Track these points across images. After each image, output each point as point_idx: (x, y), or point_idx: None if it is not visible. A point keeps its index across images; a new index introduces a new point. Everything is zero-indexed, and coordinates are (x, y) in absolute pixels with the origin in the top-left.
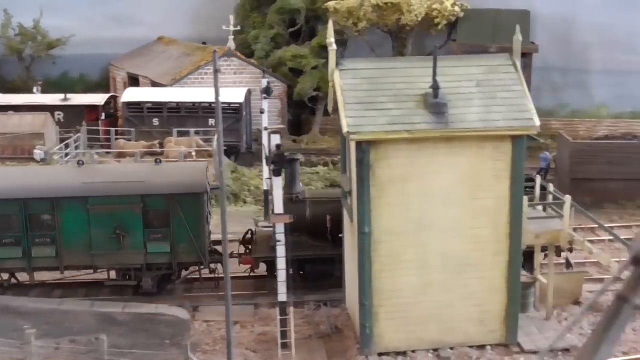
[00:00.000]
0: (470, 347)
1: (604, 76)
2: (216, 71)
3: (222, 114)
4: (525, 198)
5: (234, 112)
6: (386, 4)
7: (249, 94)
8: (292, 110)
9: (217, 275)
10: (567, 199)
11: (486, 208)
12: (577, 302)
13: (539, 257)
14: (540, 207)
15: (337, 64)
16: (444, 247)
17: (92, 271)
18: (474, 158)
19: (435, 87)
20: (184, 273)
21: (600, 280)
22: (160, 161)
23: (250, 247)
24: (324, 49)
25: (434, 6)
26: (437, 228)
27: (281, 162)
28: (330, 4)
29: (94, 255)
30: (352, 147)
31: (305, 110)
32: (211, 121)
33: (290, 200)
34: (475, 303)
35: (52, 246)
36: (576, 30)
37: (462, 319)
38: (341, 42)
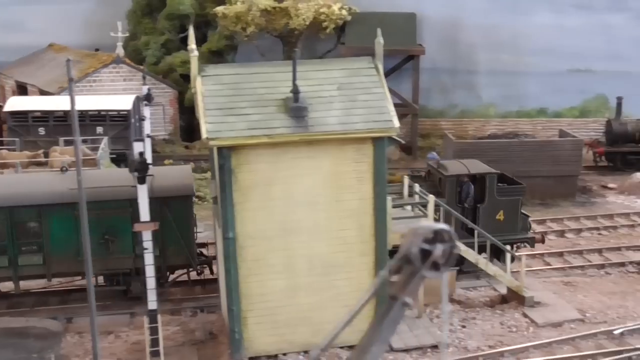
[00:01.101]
0: (341, 347)
1: (491, 76)
2: (70, 79)
3: (110, 121)
4: (389, 199)
5: (122, 120)
6: (274, 8)
7: (137, 100)
8: (184, 117)
9: (204, 277)
10: (431, 198)
11: (350, 210)
12: (450, 300)
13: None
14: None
15: (199, 71)
16: (310, 249)
17: (79, 277)
18: (335, 160)
19: (295, 91)
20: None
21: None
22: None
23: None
24: (214, 54)
25: (322, 10)
26: (302, 231)
27: (144, 170)
28: (219, 9)
29: (82, 261)
30: (215, 152)
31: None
32: (99, 129)
33: None
34: (344, 304)
35: (39, 254)
36: (463, 32)
37: (331, 320)
38: (231, 47)
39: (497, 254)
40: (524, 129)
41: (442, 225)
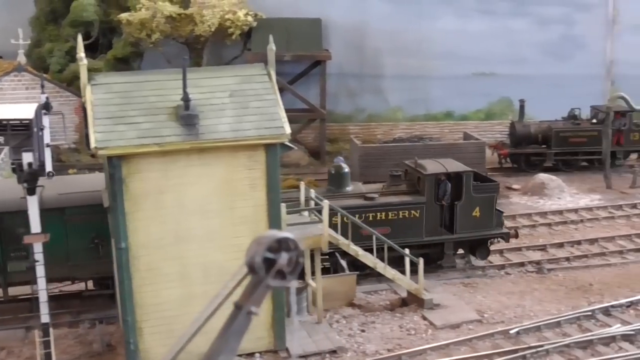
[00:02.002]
0: (240, 355)
1: (397, 81)
2: None
3: (12, 131)
4: (283, 205)
5: (24, 129)
6: (179, 15)
7: (40, 109)
8: None
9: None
10: (325, 203)
11: (245, 217)
12: (351, 304)
13: (308, 263)
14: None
15: (89, 79)
16: (205, 257)
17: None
18: (228, 168)
19: (186, 99)
20: None
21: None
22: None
23: None
24: (120, 61)
25: (227, 16)
26: (196, 239)
27: (33, 181)
28: (123, 15)
29: (72, 265)
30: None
31: None
32: (0, 139)
33: None
34: None
35: (28, 260)
36: (368, 37)
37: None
38: (137, 54)
39: (472, 250)
40: (431, 132)
41: (286, 234)
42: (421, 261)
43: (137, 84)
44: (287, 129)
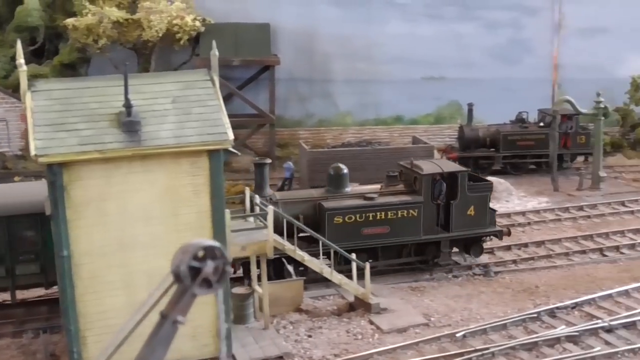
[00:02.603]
0: None
1: (347, 85)
2: None
3: None
4: (228, 211)
5: None
6: (126, 20)
7: None
8: None
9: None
10: (270, 209)
11: (188, 223)
12: (298, 309)
13: (254, 268)
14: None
15: (28, 86)
16: (149, 265)
17: None
18: (171, 174)
19: (128, 105)
20: None
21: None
22: None
23: None
24: (66, 67)
25: (175, 21)
26: (139, 246)
27: None
28: (69, 21)
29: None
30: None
31: None
32: None
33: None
34: (186, 318)
35: (37, 262)
36: (318, 42)
37: (176, 335)
38: (84, 60)
39: (466, 248)
40: (380, 137)
41: (212, 242)
42: (367, 266)
43: (78, 91)
44: (230, 135)
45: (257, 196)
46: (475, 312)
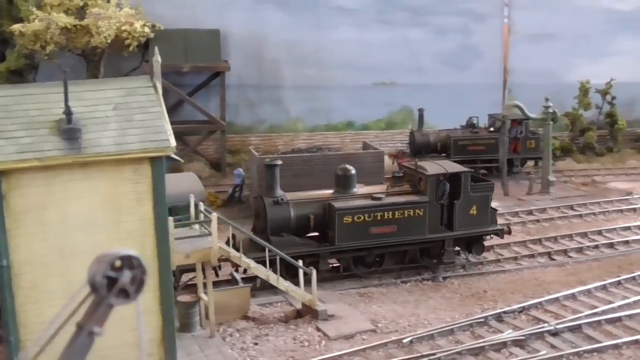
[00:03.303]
0: None
1: (297, 91)
2: None
3: None
4: (171, 219)
5: None
6: (75, 26)
7: None
8: None
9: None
10: (214, 216)
11: (131, 231)
12: (245, 317)
13: (200, 276)
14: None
15: None
16: None
17: None
18: (113, 182)
19: (68, 112)
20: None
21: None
22: None
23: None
24: (13, 73)
25: (123, 27)
26: (81, 255)
27: None
28: (15, 27)
29: None
30: None
31: None
32: None
33: (276, 202)
34: (129, 328)
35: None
36: (267, 48)
37: (118, 345)
38: (32, 66)
39: (468, 247)
40: (332, 143)
41: (130, 251)
42: (314, 272)
43: (17, 98)
44: (172, 142)
45: (201, 203)
46: (423, 317)
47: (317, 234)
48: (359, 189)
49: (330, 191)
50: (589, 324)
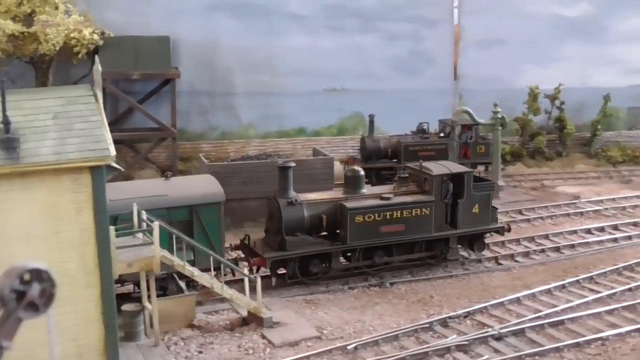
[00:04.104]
0: None
1: (249, 98)
2: None
3: None
4: (112, 228)
5: None
6: (22, 33)
7: None
8: None
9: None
10: (155, 225)
11: (71, 241)
12: (190, 325)
13: (144, 285)
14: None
15: None
16: None
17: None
18: (52, 192)
19: (6, 122)
20: None
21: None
22: (170, 176)
23: (253, 250)
24: None
25: (72, 35)
26: None
27: None
28: None
29: None
30: None
31: None
32: None
33: (290, 203)
34: (71, 338)
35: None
36: (219, 55)
37: (60, 355)
38: None
39: (470, 244)
40: (284, 149)
41: (38, 264)
42: (259, 279)
43: None
44: (112, 151)
45: (144, 212)
46: (369, 323)
47: (325, 233)
48: (368, 189)
49: (340, 192)
50: (532, 328)
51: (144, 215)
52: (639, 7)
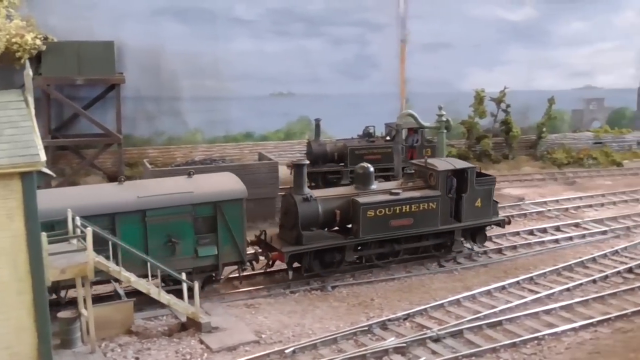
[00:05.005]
0: None
1: (195, 103)
2: None
3: None
4: (44, 234)
5: None
6: None
7: None
8: None
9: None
10: (89, 231)
11: (3, 248)
12: (128, 331)
13: (80, 291)
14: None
15: None
16: None
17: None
18: None
19: None
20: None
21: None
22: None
23: (270, 244)
24: None
25: (14, 40)
26: None
27: None
28: None
29: (150, 264)
30: None
31: None
32: None
33: (305, 199)
34: (4, 346)
35: (113, 259)
36: (164, 60)
37: None
38: None
39: (473, 237)
40: (231, 154)
41: None
42: (197, 285)
43: None
44: (42, 157)
45: (77, 217)
46: (308, 327)
47: (336, 228)
48: (378, 185)
49: (352, 188)
50: (471, 329)
51: (78, 222)
52: (581, 11)
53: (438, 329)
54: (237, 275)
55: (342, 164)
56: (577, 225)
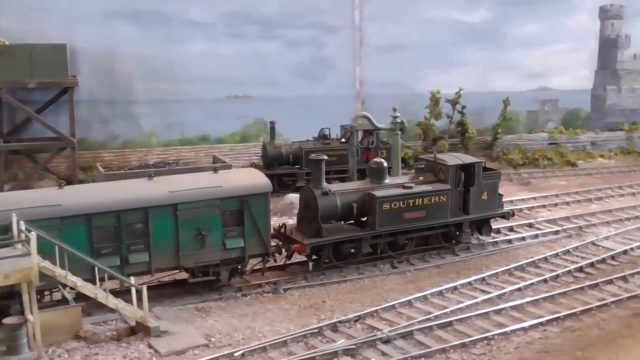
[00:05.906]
0: None
1: (150, 106)
2: None
3: None
4: None
5: None
6: None
7: None
8: None
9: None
10: (32, 235)
11: None
12: (77, 336)
13: (27, 296)
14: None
15: None
16: None
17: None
18: None
19: None
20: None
21: None
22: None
23: (291, 237)
24: None
25: None
26: None
27: None
28: None
29: (181, 256)
30: None
31: None
32: None
33: (324, 193)
34: None
35: (146, 252)
36: (118, 62)
37: None
38: None
39: (479, 229)
40: (186, 157)
41: None
42: (144, 289)
43: None
44: None
45: (22, 222)
46: (259, 330)
47: (352, 221)
48: (391, 179)
49: (366, 182)
50: (421, 330)
51: (23, 226)
52: (535, 14)
53: (388, 330)
54: (260, 267)
55: (298, 166)
56: (530, 225)
